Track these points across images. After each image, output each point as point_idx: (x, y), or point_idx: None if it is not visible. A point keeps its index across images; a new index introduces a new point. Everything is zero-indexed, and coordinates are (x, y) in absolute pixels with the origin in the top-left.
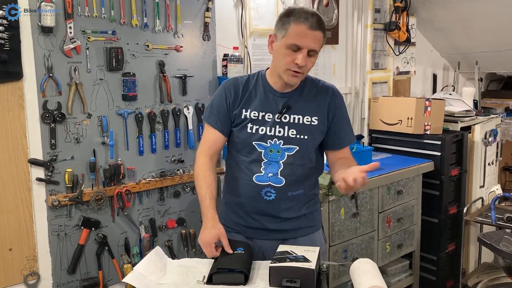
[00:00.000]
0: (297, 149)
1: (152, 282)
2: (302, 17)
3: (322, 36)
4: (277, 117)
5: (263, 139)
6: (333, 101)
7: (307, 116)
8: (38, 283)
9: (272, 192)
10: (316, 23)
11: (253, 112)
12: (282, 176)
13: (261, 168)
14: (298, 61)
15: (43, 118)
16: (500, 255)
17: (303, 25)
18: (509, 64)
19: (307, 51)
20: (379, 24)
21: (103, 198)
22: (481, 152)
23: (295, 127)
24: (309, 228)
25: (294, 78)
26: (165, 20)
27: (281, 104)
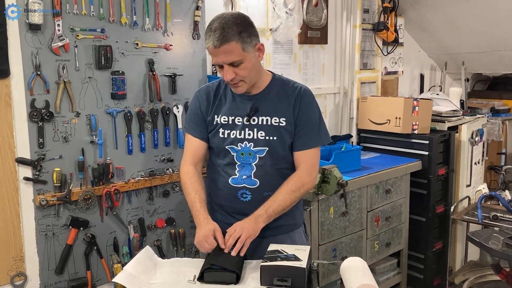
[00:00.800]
0: (267, 150)
1: (142, 282)
2: (207, 37)
3: (235, 44)
4: (246, 120)
5: (234, 142)
6: (298, 101)
7: (275, 117)
8: (25, 283)
9: (248, 193)
10: (218, 39)
11: (223, 117)
12: (255, 177)
13: (235, 170)
14: (224, 77)
15: (31, 116)
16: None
17: (209, 45)
18: (494, 64)
19: (227, 65)
20: (367, 24)
21: (91, 197)
22: (468, 151)
23: (263, 128)
24: (288, 226)
25: (237, 88)
26: (155, 19)
27: (249, 107)
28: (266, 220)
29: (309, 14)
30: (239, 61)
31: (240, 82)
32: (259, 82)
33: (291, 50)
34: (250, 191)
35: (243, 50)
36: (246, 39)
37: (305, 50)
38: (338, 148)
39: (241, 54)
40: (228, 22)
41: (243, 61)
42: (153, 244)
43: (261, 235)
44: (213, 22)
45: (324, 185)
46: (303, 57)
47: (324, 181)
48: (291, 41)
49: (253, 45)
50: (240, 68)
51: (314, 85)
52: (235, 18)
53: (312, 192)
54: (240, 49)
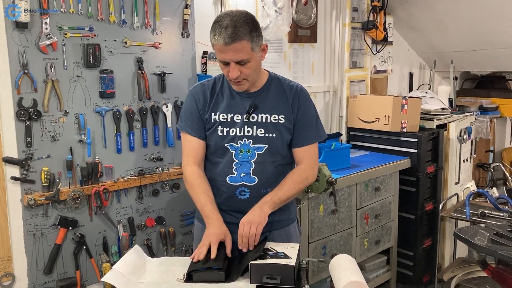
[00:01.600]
0: (266, 147)
1: (132, 281)
2: (216, 33)
3: (246, 43)
4: (245, 118)
5: (233, 140)
6: (296, 99)
7: (274, 115)
8: (13, 284)
9: (246, 191)
10: (230, 36)
11: (222, 115)
12: (254, 175)
13: (233, 169)
14: (229, 75)
15: (18, 115)
16: (474, 249)
17: (218, 42)
18: (483, 63)
19: (234, 63)
20: (357, 23)
21: (80, 197)
22: (456, 149)
23: (263, 126)
24: (284, 221)
25: (239, 86)
26: (144, 17)
27: (248, 104)
28: (271, 206)
29: (298, 13)
30: (247, 60)
31: (244, 80)
32: (257, 80)
33: (280, 48)
34: (249, 189)
35: (251, 50)
36: (255, 38)
37: (295, 49)
38: (327, 146)
39: (249, 54)
40: (240, 20)
41: (250, 60)
42: (143, 244)
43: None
44: (223, 19)
45: (314, 183)
46: (292, 55)
47: None
48: (280, 39)
49: (259, 45)
50: (246, 67)
51: (304, 84)
52: (245, 17)
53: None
54: (249, 48)
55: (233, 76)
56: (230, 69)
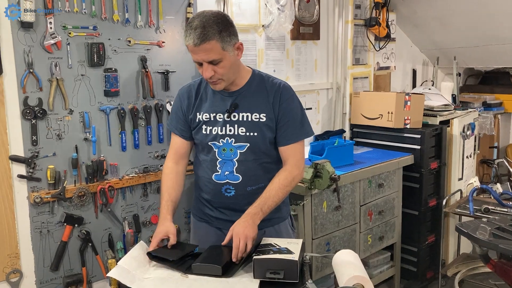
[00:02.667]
0: (248, 146)
1: (137, 277)
2: (187, 34)
3: (215, 43)
4: (226, 116)
5: (215, 138)
6: (277, 97)
7: (255, 113)
8: (21, 280)
9: (231, 188)
10: (198, 37)
11: (205, 114)
12: (238, 173)
13: (217, 167)
14: (203, 75)
15: (24, 114)
16: (476, 243)
17: (189, 43)
18: (486, 59)
19: (207, 63)
20: (359, 20)
21: (86, 194)
22: (460, 145)
23: (244, 124)
24: (274, 219)
25: (216, 85)
26: (147, 16)
27: (229, 103)
28: (261, 217)
29: (301, 10)
30: (219, 59)
31: (219, 80)
32: (238, 79)
33: (283, 46)
34: (234, 186)
35: (222, 49)
36: (226, 38)
37: (298, 46)
38: (331, 143)
39: (221, 53)
40: (209, 20)
41: (222, 60)
42: (148, 240)
43: None
44: (193, 20)
45: (317, 180)
46: (295, 53)
47: (317, 176)
48: (283, 37)
49: (232, 44)
50: (219, 66)
51: (306, 81)
52: (215, 17)
53: (305, 186)
54: (219, 48)
55: (207, 76)
56: (203, 69)
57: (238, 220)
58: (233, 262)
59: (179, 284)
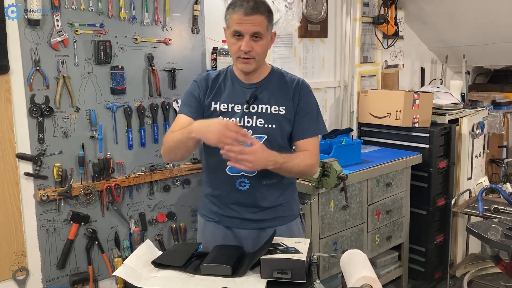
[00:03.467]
0: (266, 138)
1: (143, 276)
2: (237, 5)
3: (264, 19)
4: (245, 108)
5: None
6: (297, 91)
7: (275, 106)
8: (27, 278)
9: (246, 182)
10: (251, 8)
11: (223, 105)
12: None
13: None
14: (242, 47)
15: (31, 112)
16: (488, 244)
17: (239, 12)
18: (496, 57)
19: (249, 36)
20: (367, 17)
21: (92, 192)
22: (469, 144)
23: (262, 116)
24: (286, 217)
25: (246, 65)
26: (154, 13)
27: (248, 95)
28: (276, 167)
29: (308, 8)
30: (261, 34)
31: (252, 59)
32: (259, 71)
33: (290, 43)
34: (249, 180)
35: (266, 28)
36: (271, 20)
37: (305, 44)
38: (338, 142)
39: (264, 30)
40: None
41: (262, 38)
42: (154, 239)
43: (259, 227)
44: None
45: (324, 179)
46: (303, 50)
47: (324, 175)
48: (290, 34)
49: (271, 29)
50: (258, 43)
51: (314, 79)
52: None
53: (312, 185)
54: (265, 25)
55: (246, 48)
56: (243, 41)
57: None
58: (241, 262)
59: (185, 283)
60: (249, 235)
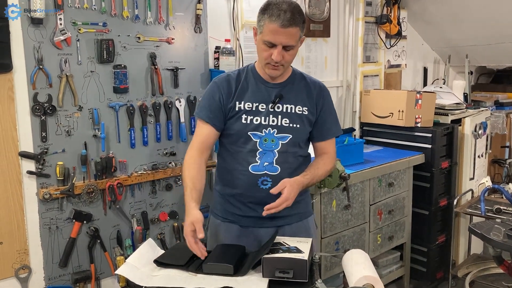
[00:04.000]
0: (290, 137)
1: (145, 274)
2: (274, 14)
3: (298, 31)
4: (271, 107)
5: (257, 128)
6: (320, 94)
7: (299, 106)
8: (30, 276)
9: (269, 180)
10: (288, 20)
11: (247, 104)
12: (277, 164)
13: (256, 158)
14: (273, 57)
15: (34, 110)
16: (490, 244)
17: (275, 23)
18: (499, 57)
19: (281, 46)
20: (370, 17)
21: (94, 191)
22: (471, 144)
23: (287, 116)
24: (302, 214)
25: (274, 71)
26: (156, 12)
27: (273, 94)
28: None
29: (311, 7)
30: (293, 46)
31: (281, 66)
32: (285, 71)
33: None
34: (271, 178)
35: (299, 38)
36: (303, 29)
37: (308, 43)
38: (340, 141)
39: (296, 41)
40: (297, 8)
41: (294, 48)
42: (156, 238)
43: (277, 224)
44: (281, 3)
45: (327, 178)
46: (305, 50)
47: None
48: None
49: (302, 36)
50: (289, 53)
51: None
52: (299, 7)
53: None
54: (298, 36)
55: (278, 59)
56: (275, 51)
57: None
58: (243, 261)
59: (187, 282)
60: (268, 233)
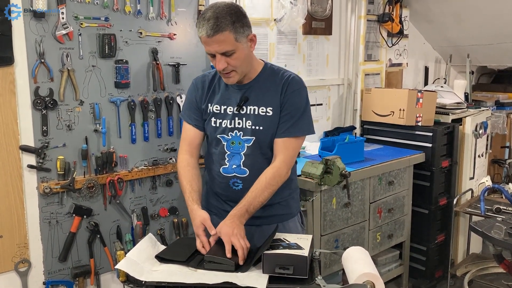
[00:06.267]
0: (254, 139)
1: (145, 269)
2: (200, 26)
3: (229, 33)
4: (236, 110)
5: (224, 131)
6: (284, 89)
7: (262, 107)
8: (29, 270)
9: (239, 182)
10: (211, 28)
11: (216, 106)
12: (245, 167)
13: (225, 160)
14: (216, 67)
15: (35, 104)
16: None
17: (202, 34)
18: (500, 57)
19: (220, 55)
20: (372, 15)
21: (95, 186)
22: (472, 144)
23: (251, 118)
24: (283, 215)
25: (228, 79)
26: (159, 7)
27: (239, 96)
28: (247, 218)
29: (313, 5)
30: (232, 51)
31: (232, 72)
32: (250, 72)
33: (295, 40)
34: (241, 180)
35: (235, 40)
36: (239, 29)
37: (309, 41)
38: (341, 139)
39: (234, 44)
40: (222, 11)
41: (235, 51)
42: (156, 233)
43: (256, 223)
44: (207, 11)
45: (327, 176)
46: (307, 47)
47: (327, 172)
48: (295, 31)
49: (245, 36)
50: (233, 58)
51: (318, 76)
52: (228, 8)
53: (315, 182)
54: (233, 39)
55: (220, 67)
56: (216, 61)
57: (224, 221)
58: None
59: (187, 277)
60: (247, 231)
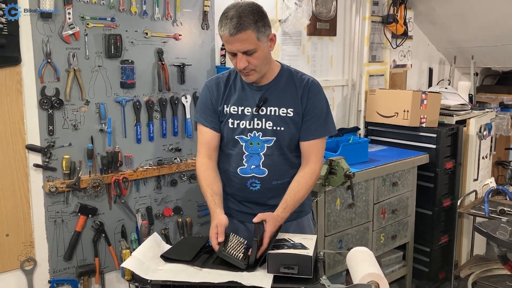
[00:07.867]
0: (275, 140)
1: (150, 268)
2: (222, 25)
3: (251, 33)
4: (255, 110)
5: (243, 132)
6: (306, 92)
7: (283, 108)
8: (35, 269)
9: (257, 182)
10: (234, 27)
11: (233, 107)
12: (264, 167)
13: (243, 161)
14: (237, 66)
15: (41, 104)
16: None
17: (224, 33)
18: (504, 59)
19: (241, 53)
20: (377, 16)
21: (100, 185)
22: (476, 145)
23: (271, 119)
24: (296, 213)
25: (248, 77)
26: (164, 8)
27: (258, 97)
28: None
29: (318, 6)
30: (253, 50)
31: (252, 71)
32: (268, 73)
33: (299, 41)
34: (259, 180)
35: (257, 39)
36: (261, 28)
37: (314, 42)
38: (345, 140)
39: (256, 43)
40: (245, 11)
41: (256, 50)
42: (161, 233)
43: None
44: (229, 10)
45: (331, 177)
46: (311, 48)
47: (331, 173)
48: (299, 32)
49: (266, 35)
50: (253, 57)
51: (322, 77)
52: (251, 7)
53: (319, 183)
54: (255, 38)
55: (241, 66)
56: (237, 59)
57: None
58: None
59: (192, 276)
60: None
